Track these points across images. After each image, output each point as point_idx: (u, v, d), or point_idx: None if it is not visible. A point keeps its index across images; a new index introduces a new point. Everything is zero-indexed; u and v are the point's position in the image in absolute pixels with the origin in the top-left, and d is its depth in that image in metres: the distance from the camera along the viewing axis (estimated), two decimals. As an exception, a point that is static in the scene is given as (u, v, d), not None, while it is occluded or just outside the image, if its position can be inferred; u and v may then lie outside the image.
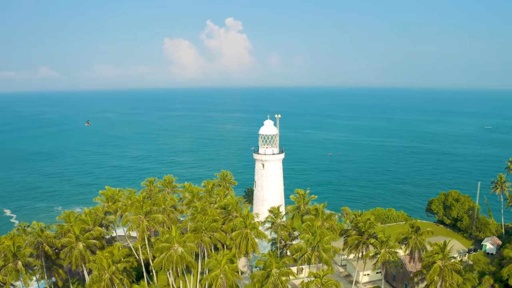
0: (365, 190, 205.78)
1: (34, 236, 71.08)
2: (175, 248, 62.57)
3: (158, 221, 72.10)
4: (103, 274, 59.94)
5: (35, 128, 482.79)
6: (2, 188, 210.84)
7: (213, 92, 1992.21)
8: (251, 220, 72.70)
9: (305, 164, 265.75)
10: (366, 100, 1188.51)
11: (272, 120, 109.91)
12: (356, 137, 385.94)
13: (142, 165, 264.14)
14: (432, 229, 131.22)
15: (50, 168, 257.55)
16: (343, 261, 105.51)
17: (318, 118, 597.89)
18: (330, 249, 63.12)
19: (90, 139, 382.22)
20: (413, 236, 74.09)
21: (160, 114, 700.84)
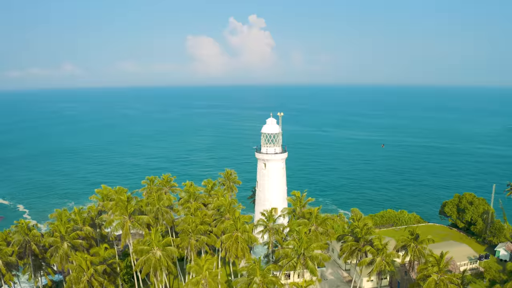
0: (378, 190, 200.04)
1: (21, 235, 69.92)
2: (154, 251, 60.15)
3: (143, 222, 69.73)
4: (82, 276, 57.98)
5: (57, 125, 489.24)
6: (17, 184, 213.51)
7: (234, 89, 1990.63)
8: (242, 223, 69.82)
9: (320, 164, 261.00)
10: (388, 97, 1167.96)
11: (275, 118, 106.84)
12: (374, 136, 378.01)
13: (157, 163, 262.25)
14: (445, 233, 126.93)
15: (68, 165, 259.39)
16: (347, 266, 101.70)
17: (340, 115, 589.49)
18: (317, 257, 59.46)
19: (107, 137, 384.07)
20: (412, 244, 69.72)
21: (180, 112, 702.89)
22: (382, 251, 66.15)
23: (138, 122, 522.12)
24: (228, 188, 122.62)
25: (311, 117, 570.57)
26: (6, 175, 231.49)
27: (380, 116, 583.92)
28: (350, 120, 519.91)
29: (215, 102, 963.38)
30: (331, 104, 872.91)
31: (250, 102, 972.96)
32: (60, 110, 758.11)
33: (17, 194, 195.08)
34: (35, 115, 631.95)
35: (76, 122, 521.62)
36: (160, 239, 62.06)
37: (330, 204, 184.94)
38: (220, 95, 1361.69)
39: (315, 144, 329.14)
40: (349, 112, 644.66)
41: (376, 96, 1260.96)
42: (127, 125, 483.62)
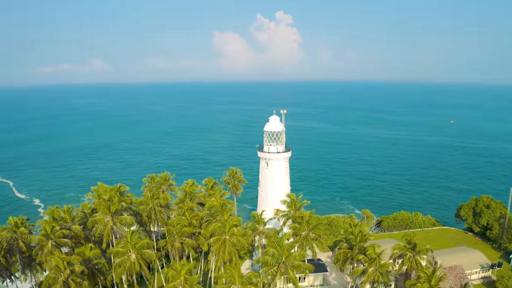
0: (395, 191, 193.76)
1: (9, 232, 69.47)
2: (129, 254, 58.23)
3: (126, 223, 68.04)
4: (58, 276, 56.70)
5: (82, 121, 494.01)
6: (36, 179, 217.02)
7: (261, 86, 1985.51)
8: (231, 225, 67.04)
9: (339, 162, 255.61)
10: (413, 95, 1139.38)
11: (278, 116, 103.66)
12: (397, 134, 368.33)
13: (174, 161, 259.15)
14: (460, 237, 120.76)
15: (86, 162, 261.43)
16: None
17: (365, 113, 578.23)
18: (300, 266, 56.06)
19: (129, 134, 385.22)
20: (409, 254, 65.23)
21: (204, 108, 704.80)
22: (376, 261, 61.92)
23: (162, 118, 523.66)
24: (233, 187, 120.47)
25: (336, 114, 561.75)
26: (27, 170, 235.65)
27: (404, 113, 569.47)
28: (375, 117, 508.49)
29: (240, 99, 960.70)
30: (356, 101, 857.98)
31: (277, 99, 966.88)
32: (87, 105, 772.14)
33: (36, 189, 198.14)
34: (60, 111, 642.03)
35: (102, 118, 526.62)
36: (137, 241, 60.12)
37: (346, 204, 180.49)
38: (246, 92, 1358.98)
39: (337, 143, 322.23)
40: (374, 109, 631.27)
41: (399, 93, 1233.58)
42: (151, 122, 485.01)
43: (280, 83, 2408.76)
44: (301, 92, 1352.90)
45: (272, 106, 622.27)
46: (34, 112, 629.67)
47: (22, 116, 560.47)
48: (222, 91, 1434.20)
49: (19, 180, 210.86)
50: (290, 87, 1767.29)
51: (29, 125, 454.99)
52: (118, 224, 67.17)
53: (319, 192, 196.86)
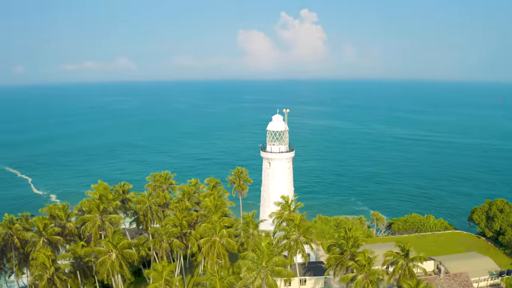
0: (410, 192, 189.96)
1: (5, 228, 70.64)
2: (110, 253, 58.15)
3: (115, 221, 68.09)
4: (43, 273, 57.17)
5: (108, 119, 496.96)
6: (54, 174, 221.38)
7: (286, 84, 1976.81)
8: (222, 227, 66.09)
9: (357, 162, 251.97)
10: (435, 93, 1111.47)
11: (281, 115, 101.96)
12: (417, 134, 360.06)
13: (191, 162, 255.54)
14: (472, 242, 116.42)
15: (109, 159, 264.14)
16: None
17: (387, 112, 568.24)
18: (281, 272, 54.48)
19: (151, 133, 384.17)
20: (401, 262, 62.45)
21: (228, 106, 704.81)
22: (365, 268, 59.37)
23: (186, 117, 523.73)
24: (239, 186, 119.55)
25: (359, 113, 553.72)
26: (45, 167, 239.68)
27: (426, 112, 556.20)
28: (396, 117, 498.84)
29: (264, 97, 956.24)
30: (379, 99, 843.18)
31: (301, 97, 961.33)
32: (110, 103, 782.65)
33: (53, 185, 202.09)
34: (80, 110, 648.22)
35: (124, 117, 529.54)
36: (119, 240, 60.04)
37: (361, 205, 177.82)
38: (271, 90, 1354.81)
39: (357, 143, 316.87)
40: (396, 108, 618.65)
41: (422, 91, 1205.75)
42: (174, 120, 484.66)
43: (304, 81, 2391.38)
44: (325, 90, 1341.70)
45: (295, 104, 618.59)
46: (54, 111, 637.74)
47: (42, 114, 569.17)
48: (247, 89, 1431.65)
49: (37, 177, 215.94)
50: (314, 85, 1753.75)
51: (48, 123, 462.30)
52: (107, 222, 67.34)
53: (335, 192, 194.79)
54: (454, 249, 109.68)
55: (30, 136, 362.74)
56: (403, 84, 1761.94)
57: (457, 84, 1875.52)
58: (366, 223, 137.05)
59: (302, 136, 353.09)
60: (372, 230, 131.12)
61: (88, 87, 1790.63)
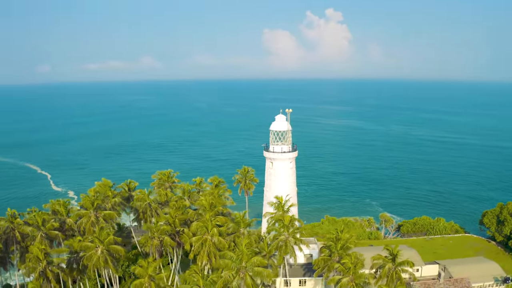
0: (426, 193, 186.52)
1: (7, 222, 73.21)
2: (97, 249, 59.51)
3: (109, 218, 69.57)
4: (37, 266, 59.13)
5: (129, 119, 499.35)
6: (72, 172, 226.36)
7: (310, 83, 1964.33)
8: (214, 225, 66.56)
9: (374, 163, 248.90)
10: (468, 94, 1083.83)
11: (284, 115, 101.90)
12: (436, 134, 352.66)
13: (206, 163, 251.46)
14: (481, 246, 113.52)
15: (125, 158, 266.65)
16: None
17: (412, 112, 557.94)
18: (261, 273, 54.39)
19: (168, 132, 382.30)
20: (388, 266, 61.21)
21: (252, 105, 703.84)
22: (351, 271, 58.49)
23: (208, 116, 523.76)
24: (245, 186, 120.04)
25: (382, 113, 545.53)
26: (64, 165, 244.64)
27: (449, 113, 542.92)
28: (421, 118, 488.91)
29: (288, 96, 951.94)
30: (403, 99, 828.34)
31: (325, 97, 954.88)
32: (133, 102, 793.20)
33: (71, 182, 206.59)
34: (106, 109, 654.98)
35: (144, 117, 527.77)
36: (106, 236, 61.42)
37: (375, 206, 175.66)
38: (295, 89, 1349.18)
39: (375, 144, 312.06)
40: (421, 109, 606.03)
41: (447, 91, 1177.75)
42: (193, 119, 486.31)
43: (329, 81, 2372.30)
44: (350, 90, 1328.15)
45: (319, 104, 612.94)
46: (75, 110, 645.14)
47: (64, 113, 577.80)
48: (271, 88, 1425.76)
49: (56, 174, 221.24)
50: (338, 85, 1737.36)
51: (69, 122, 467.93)
52: (101, 219, 68.98)
53: (351, 193, 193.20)
54: (462, 253, 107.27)
55: (50, 135, 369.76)
56: (429, 84, 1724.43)
57: (485, 84, 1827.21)
58: (375, 224, 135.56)
59: (322, 137, 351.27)
60: (381, 232, 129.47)
61: (111, 86, 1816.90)
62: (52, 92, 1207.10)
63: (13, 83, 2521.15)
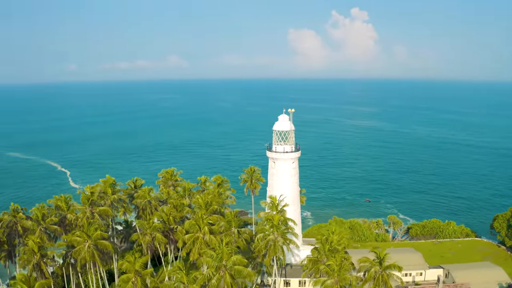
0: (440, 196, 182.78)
1: (10, 216, 76.04)
2: (85, 244, 61.20)
3: (104, 214, 71.33)
4: (31, 259, 61.40)
5: (152, 118, 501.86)
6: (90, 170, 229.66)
7: (335, 83, 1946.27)
8: (206, 224, 67.28)
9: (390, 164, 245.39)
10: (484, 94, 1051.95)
11: (287, 115, 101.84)
12: (461, 136, 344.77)
13: (220, 165, 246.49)
14: (490, 251, 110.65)
15: (147, 159, 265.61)
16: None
17: (433, 112, 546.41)
18: (241, 272, 54.60)
19: (186, 133, 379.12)
20: (374, 269, 60.13)
21: (272, 104, 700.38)
22: (335, 273, 57.91)
23: (230, 116, 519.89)
24: (251, 185, 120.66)
25: (405, 114, 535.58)
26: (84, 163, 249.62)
27: (471, 114, 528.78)
28: (443, 118, 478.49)
29: (311, 96, 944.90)
30: (428, 100, 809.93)
31: (349, 97, 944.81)
32: (158, 102, 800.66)
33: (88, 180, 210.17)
34: (130, 108, 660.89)
35: (167, 116, 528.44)
36: (94, 231, 63.14)
37: (390, 208, 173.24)
38: (319, 89, 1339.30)
39: (392, 147, 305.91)
40: (443, 110, 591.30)
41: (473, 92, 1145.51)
42: (219, 119, 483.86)
43: (354, 81, 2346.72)
44: (374, 90, 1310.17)
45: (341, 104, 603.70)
46: (99, 108, 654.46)
47: (90, 112, 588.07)
48: (296, 88, 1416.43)
49: (75, 171, 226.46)
50: (363, 85, 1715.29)
51: (93, 121, 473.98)
52: (96, 214, 70.89)
53: (365, 194, 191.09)
54: (470, 258, 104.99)
55: (74, 134, 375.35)
56: (454, 85, 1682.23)
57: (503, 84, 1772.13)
58: (384, 226, 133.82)
59: (341, 137, 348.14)
60: (389, 235, 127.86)
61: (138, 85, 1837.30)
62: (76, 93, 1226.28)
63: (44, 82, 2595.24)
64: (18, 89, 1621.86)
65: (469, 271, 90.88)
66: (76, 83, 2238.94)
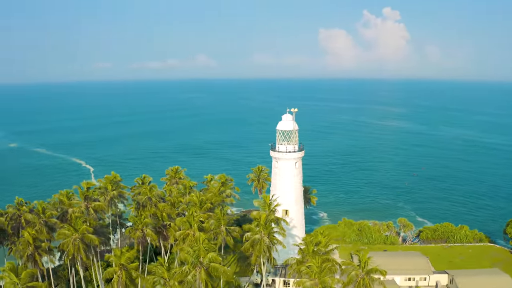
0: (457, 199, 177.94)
1: (14, 209, 79.45)
2: (73, 237, 63.29)
3: (99, 209, 73.47)
4: (26, 249, 64.09)
5: (179, 118, 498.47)
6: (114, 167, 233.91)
7: (365, 83, 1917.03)
8: (197, 221, 68.17)
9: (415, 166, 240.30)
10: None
11: (290, 115, 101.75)
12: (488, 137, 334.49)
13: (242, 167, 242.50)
14: (502, 257, 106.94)
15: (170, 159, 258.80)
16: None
17: (459, 113, 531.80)
18: (217, 269, 54.90)
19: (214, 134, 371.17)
20: (354, 273, 58.93)
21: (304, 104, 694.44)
22: (315, 275, 57.14)
23: (257, 116, 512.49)
24: (258, 184, 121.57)
25: (435, 115, 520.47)
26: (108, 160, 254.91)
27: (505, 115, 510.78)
28: (474, 120, 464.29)
29: (340, 96, 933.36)
30: (460, 101, 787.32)
31: (378, 97, 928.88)
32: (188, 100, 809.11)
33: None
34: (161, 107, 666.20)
35: (197, 115, 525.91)
36: (81, 225, 65.26)
37: (408, 210, 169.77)
38: (349, 89, 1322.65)
39: (416, 150, 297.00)
40: (475, 111, 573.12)
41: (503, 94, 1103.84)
42: (244, 118, 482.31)
43: (385, 81, 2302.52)
44: (405, 90, 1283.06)
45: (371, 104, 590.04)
46: (127, 107, 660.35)
47: (118, 111, 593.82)
48: (325, 88, 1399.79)
49: (99, 168, 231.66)
50: (394, 85, 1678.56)
51: (120, 120, 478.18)
52: (91, 209, 73.22)
53: (385, 195, 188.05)
54: (479, 264, 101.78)
55: (102, 133, 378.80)
56: (490, 86, 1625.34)
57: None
58: (395, 229, 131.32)
59: (364, 138, 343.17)
60: (398, 238, 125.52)
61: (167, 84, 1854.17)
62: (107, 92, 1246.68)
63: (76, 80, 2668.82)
64: (55, 87, 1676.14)
65: (474, 278, 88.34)
66: (109, 82, 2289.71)
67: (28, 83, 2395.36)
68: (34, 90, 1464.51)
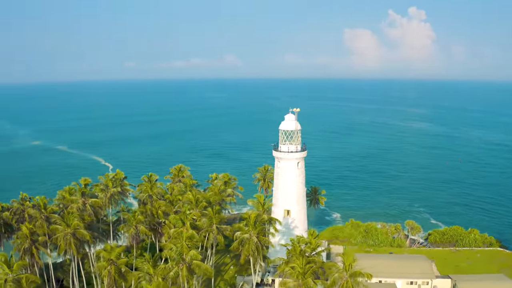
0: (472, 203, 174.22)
1: (18, 204, 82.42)
2: (65, 232, 65.15)
3: (96, 205, 75.36)
4: (24, 243, 66.43)
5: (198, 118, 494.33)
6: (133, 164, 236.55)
7: (389, 83, 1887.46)
8: (190, 219, 69.01)
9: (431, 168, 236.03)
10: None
11: (293, 115, 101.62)
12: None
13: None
14: (511, 262, 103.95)
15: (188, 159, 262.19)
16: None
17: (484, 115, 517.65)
18: (200, 266, 55.44)
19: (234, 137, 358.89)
20: (337, 275, 58.24)
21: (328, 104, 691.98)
22: (298, 276, 56.82)
23: (280, 117, 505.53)
24: (264, 184, 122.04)
25: (456, 116, 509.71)
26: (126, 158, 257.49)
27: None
28: (499, 122, 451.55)
29: (368, 97, 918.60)
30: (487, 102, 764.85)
31: (400, 97, 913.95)
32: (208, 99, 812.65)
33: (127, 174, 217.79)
34: (186, 106, 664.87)
35: (216, 116, 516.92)
36: (72, 220, 67.07)
37: (422, 212, 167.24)
38: (372, 89, 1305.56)
39: (434, 153, 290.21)
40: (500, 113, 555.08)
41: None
42: (270, 120, 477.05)
43: (410, 81, 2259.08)
44: (429, 90, 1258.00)
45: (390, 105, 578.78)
46: (151, 107, 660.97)
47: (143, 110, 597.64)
48: (350, 88, 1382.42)
49: (117, 166, 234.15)
50: (419, 85, 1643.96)
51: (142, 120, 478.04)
52: (88, 205, 75.22)
53: (399, 197, 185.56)
54: (486, 269, 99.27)
55: (124, 132, 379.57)
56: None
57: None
58: (403, 232, 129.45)
59: (383, 139, 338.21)
60: (405, 240, 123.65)
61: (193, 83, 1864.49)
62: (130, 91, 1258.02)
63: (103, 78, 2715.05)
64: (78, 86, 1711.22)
65: (477, 283, 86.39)
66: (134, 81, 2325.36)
67: (54, 81, 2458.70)
68: (60, 88, 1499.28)
